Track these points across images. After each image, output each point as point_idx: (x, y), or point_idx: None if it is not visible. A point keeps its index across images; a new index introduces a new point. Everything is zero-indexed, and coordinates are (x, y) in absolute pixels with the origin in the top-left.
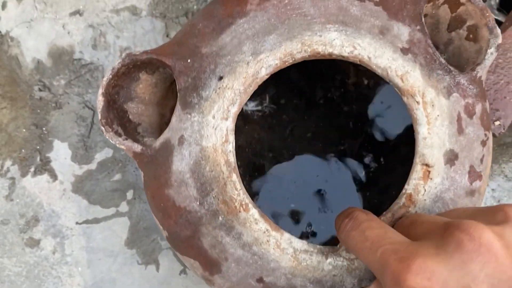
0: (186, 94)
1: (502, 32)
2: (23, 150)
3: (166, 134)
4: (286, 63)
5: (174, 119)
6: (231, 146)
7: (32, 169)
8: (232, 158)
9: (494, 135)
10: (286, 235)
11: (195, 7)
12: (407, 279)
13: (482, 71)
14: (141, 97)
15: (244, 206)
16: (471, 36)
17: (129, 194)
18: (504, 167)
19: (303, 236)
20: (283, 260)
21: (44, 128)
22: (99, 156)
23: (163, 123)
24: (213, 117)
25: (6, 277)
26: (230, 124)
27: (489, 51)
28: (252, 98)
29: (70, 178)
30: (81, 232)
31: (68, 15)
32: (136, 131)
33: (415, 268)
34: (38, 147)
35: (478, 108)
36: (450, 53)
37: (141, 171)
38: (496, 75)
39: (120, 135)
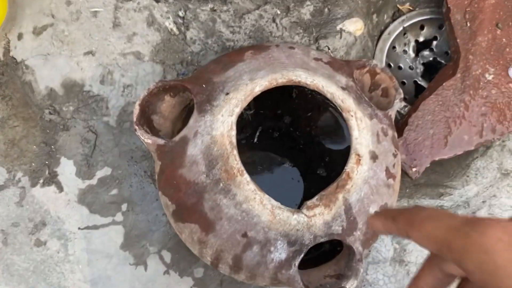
0: (201, 105)
1: (422, 100)
2: (33, 164)
3: (184, 132)
4: (272, 85)
5: (191, 121)
6: (234, 132)
7: (41, 181)
8: (234, 140)
9: (411, 178)
10: (266, 195)
11: (189, 57)
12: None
13: (391, 112)
14: (163, 113)
15: (240, 172)
16: (383, 94)
17: (124, 207)
18: (417, 202)
19: None
20: (263, 214)
21: (52, 146)
22: (100, 173)
23: (175, 135)
24: (222, 116)
25: (15, 271)
26: (234, 118)
27: (395, 101)
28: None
29: (74, 190)
30: (82, 236)
31: (82, 54)
32: (158, 134)
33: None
34: (47, 162)
35: (390, 132)
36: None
37: (159, 161)
38: (416, 133)
39: (148, 133)
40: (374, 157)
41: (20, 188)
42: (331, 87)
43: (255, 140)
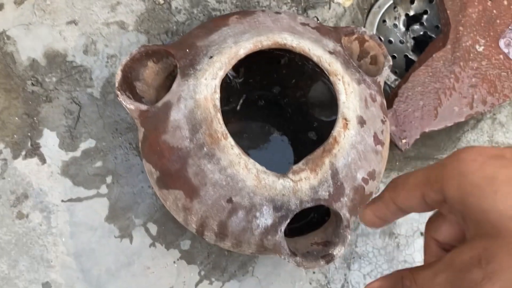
0: (184, 69)
1: (412, 71)
2: (15, 136)
3: (167, 97)
4: (257, 47)
5: (174, 85)
6: (217, 95)
7: (23, 153)
8: (218, 103)
9: (401, 150)
10: (251, 159)
11: (174, 27)
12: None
13: (380, 78)
14: (146, 80)
15: (224, 135)
16: (372, 61)
17: (108, 179)
18: None
19: None
20: (248, 179)
21: (35, 118)
22: (83, 145)
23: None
24: (205, 79)
25: None
26: (217, 82)
27: (384, 68)
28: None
29: (58, 163)
30: (65, 208)
31: (65, 24)
32: (141, 101)
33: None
34: (29, 134)
35: (378, 98)
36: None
37: (142, 127)
38: (406, 104)
39: (130, 99)
40: (361, 122)
41: (2, 160)
42: (318, 50)
43: (238, 107)
